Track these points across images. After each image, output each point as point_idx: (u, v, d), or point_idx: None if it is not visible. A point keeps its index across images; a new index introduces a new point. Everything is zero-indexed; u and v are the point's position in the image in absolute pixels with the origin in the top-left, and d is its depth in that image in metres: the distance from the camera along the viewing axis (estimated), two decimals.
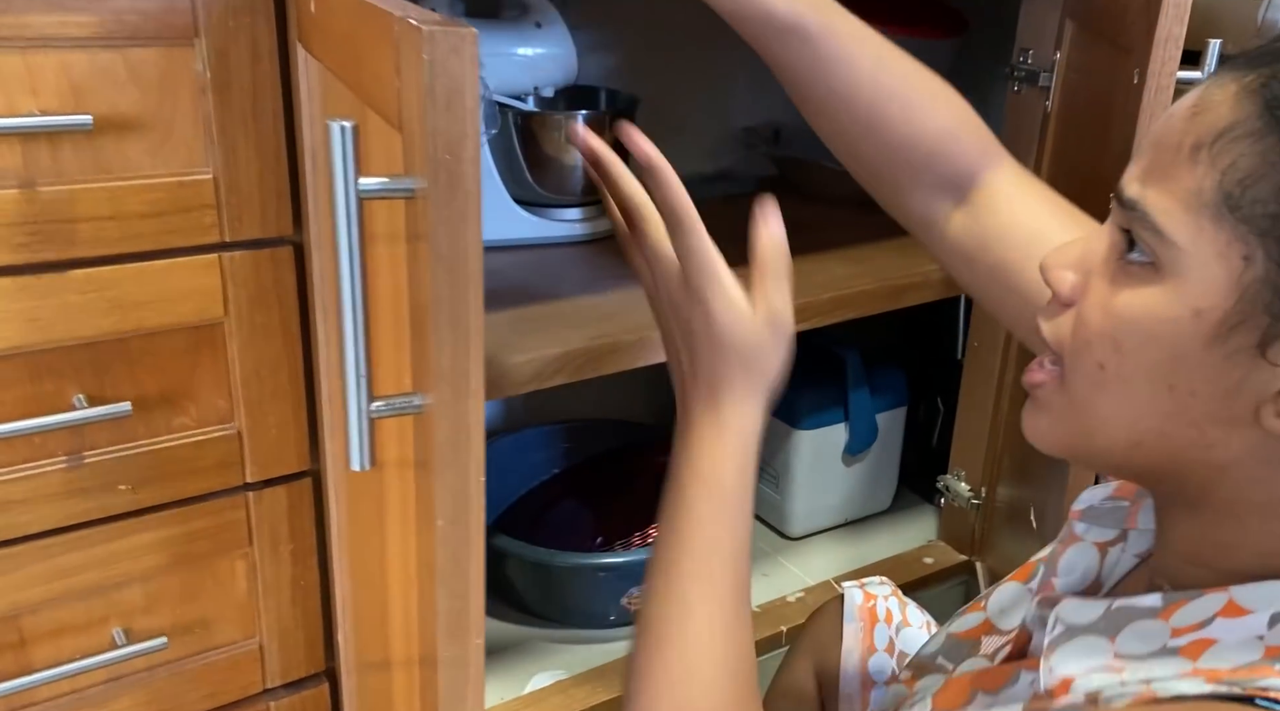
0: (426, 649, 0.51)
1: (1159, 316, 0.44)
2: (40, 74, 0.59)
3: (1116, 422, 0.47)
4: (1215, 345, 0.42)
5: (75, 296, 0.63)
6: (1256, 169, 0.41)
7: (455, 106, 0.40)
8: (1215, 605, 0.45)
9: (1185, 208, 0.43)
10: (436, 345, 0.44)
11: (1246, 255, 0.41)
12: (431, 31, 0.39)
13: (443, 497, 0.46)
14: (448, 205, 0.42)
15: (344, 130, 0.40)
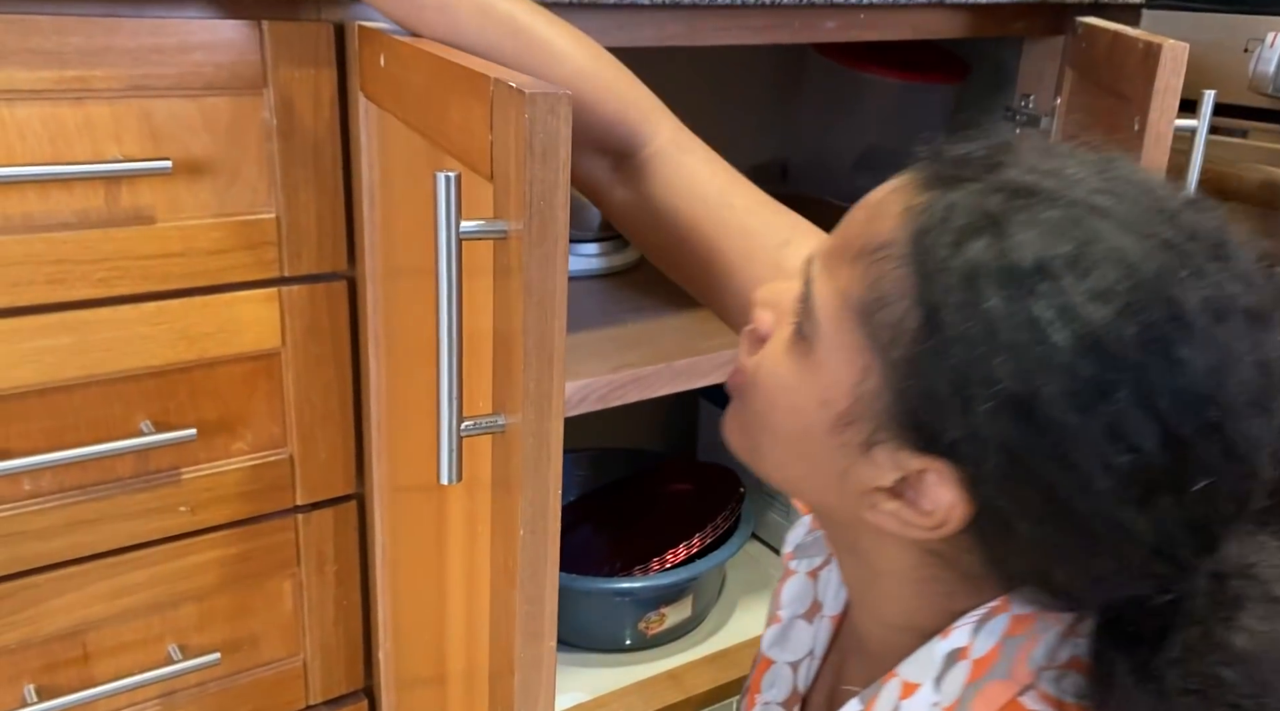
0: (499, 657, 0.55)
1: (798, 395, 0.48)
2: (124, 122, 0.63)
3: (773, 459, 0.52)
4: (833, 434, 0.47)
5: (147, 328, 0.67)
6: (890, 293, 0.44)
7: (551, 159, 0.45)
8: (895, 691, 0.50)
9: (839, 303, 0.46)
10: (525, 370, 0.48)
11: (866, 365, 0.45)
12: (533, 94, 0.44)
13: (525, 509, 0.50)
14: (540, 245, 0.46)
15: (449, 180, 0.45)
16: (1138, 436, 0.40)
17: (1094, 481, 0.41)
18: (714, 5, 0.81)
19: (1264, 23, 0.86)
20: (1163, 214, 0.42)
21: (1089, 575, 0.45)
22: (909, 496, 0.46)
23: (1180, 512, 0.42)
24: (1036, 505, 0.43)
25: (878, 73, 1.26)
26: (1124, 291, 0.40)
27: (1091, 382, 0.40)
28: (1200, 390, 0.40)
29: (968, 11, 0.96)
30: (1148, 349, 0.40)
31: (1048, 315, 0.40)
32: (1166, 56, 0.74)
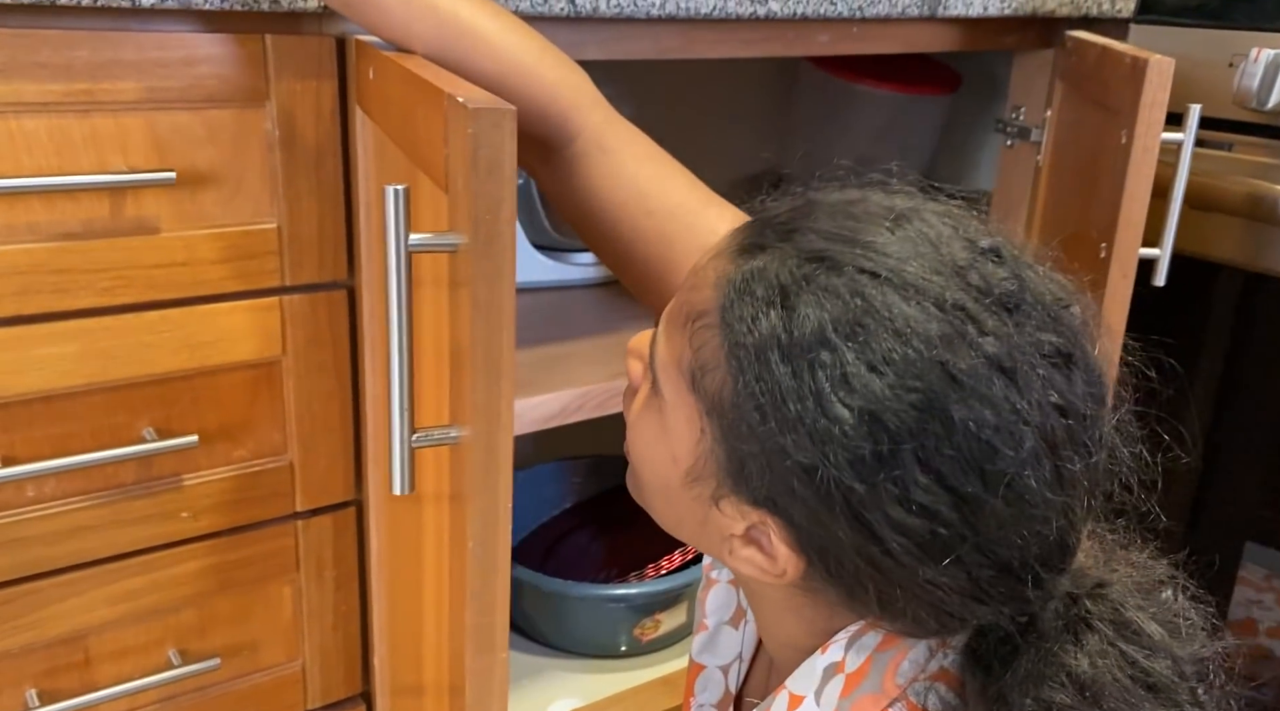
0: (455, 671, 0.55)
1: (655, 451, 0.52)
2: (130, 134, 0.64)
3: (653, 507, 0.55)
4: (686, 488, 0.50)
5: (150, 336, 0.68)
6: (709, 360, 0.46)
7: (495, 174, 0.46)
8: (783, 703, 0.52)
9: (675, 368, 0.49)
10: (472, 383, 0.49)
11: (701, 427, 0.48)
12: (476, 109, 0.45)
13: (474, 521, 0.51)
14: (486, 259, 0.47)
15: (397, 193, 0.46)
16: (926, 499, 0.42)
17: (890, 543, 0.43)
18: (709, 19, 0.83)
19: (1248, 38, 0.88)
20: (952, 272, 0.43)
21: (934, 611, 0.46)
22: (761, 543, 0.48)
23: (987, 561, 0.44)
24: (851, 562, 0.45)
25: (871, 85, 1.28)
26: (899, 360, 0.42)
27: (873, 452, 0.42)
28: (981, 449, 0.42)
29: (959, 26, 0.97)
30: (923, 415, 0.41)
31: (826, 387, 0.42)
32: (1153, 71, 0.76)
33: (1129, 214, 0.79)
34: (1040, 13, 0.99)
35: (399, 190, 0.47)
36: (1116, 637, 0.46)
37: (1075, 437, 0.44)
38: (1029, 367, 0.43)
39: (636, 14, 0.78)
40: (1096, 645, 0.46)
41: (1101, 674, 0.45)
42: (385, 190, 0.47)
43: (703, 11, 0.81)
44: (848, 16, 0.88)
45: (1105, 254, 0.81)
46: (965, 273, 0.44)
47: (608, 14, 0.76)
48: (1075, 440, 0.44)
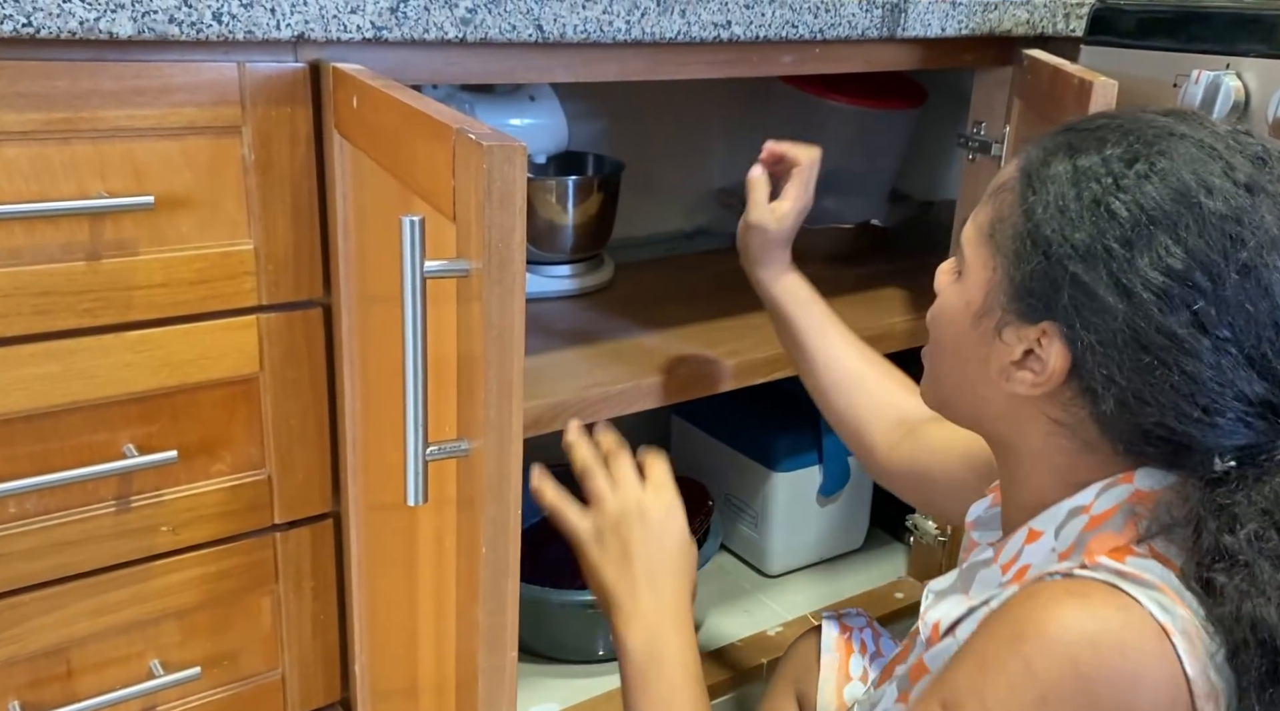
0: (464, 667, 0.58)
1: (952, 305, 0.63)
2: (108, 161, 0.67)
3: (943, 381, 0.66)
4: (975, 327, 0.61)
5: (130, 355, 0.70)
6: (1007, 213, 0.59)
7: (508, 204, 0.49)
8: (1022, 537, 0.62)
9: (976, 232, 0.62)
10: (485, 399, 0.52)
11: (993, 266, 0.60)
12: (490, 147, 0.47)
13: (487, 528, 0.54)
14: (499, 283, 0.50)
15: (413, 224, 0.49)
16: (1177, 265, 0.53)
17: (1140, 294, 0.53)
18: (674, 43, 0.85)
19: (1191, 60, 0.91)
20: (1213, 134, 0.56)
21: (1164, 412, 0.54)
22: (1031, 365, 0.58)
23: (1239, 356, 0.52)
24: (1108, 329, 0.55)
25: (839, 100, 1.31)
26: (1164, 169, 0.54)
27: (1135, 229, 0.54)
28: (1223, 236, 0.52)
29: (918, 45, 1.01)
30: (1178, 205, 0.53)
31: (1103, 193, 0.55)
32: (1097, 93, 0.79)
33: None
34: (997, 32, 1.02)
35: (415, 221, 0.50)
36: None
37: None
38: (1268, 197, 0.53)
39: (603, 39, 0.80)
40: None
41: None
42: (402, 221, 0.49)
43: (667, 35, 0.83)
44: (809, 38, 0.91)
45: None
46: (1224, 136, 0.56)
47: (574, 39, 0.79)
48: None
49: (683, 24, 0.83)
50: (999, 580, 0.62)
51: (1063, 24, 1.05)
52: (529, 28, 0.76)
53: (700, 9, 0.84)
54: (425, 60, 0.76)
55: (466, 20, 0.73)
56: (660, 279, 1.28)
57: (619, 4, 0.80)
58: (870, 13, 0.93)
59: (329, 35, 0.69)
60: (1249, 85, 0.89)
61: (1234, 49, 0.89)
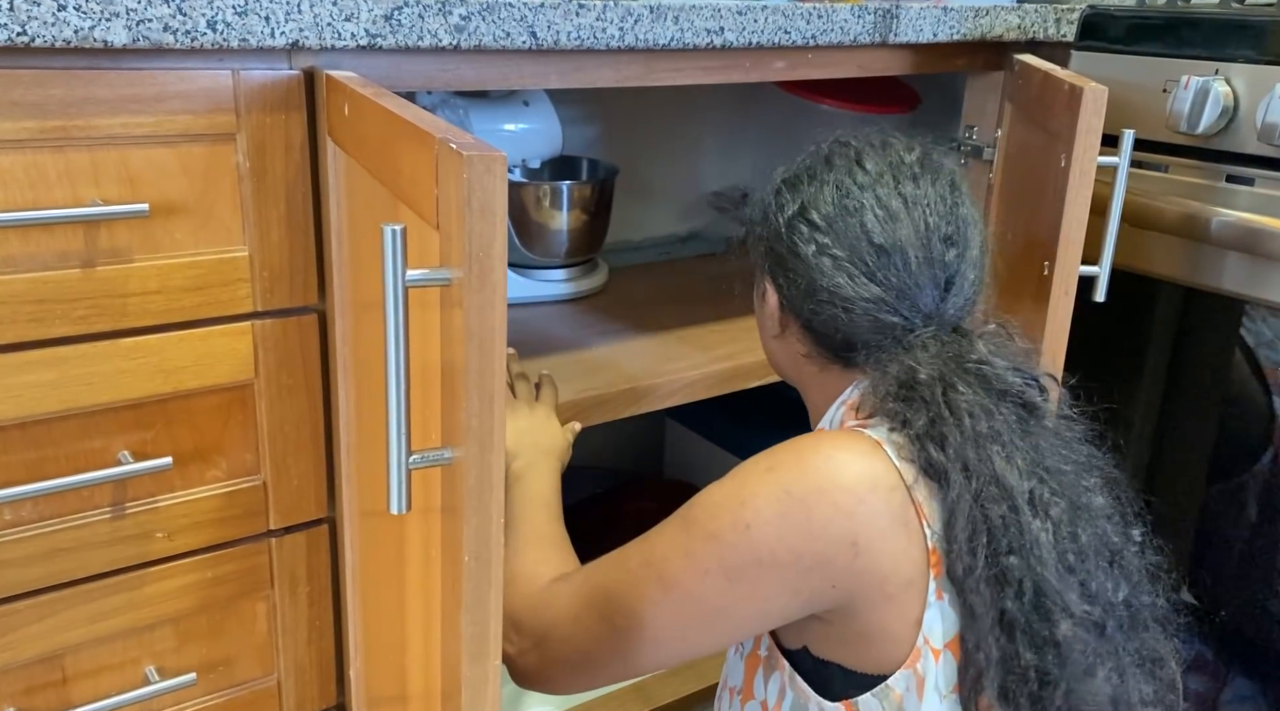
0: (449, 678, 0.58)
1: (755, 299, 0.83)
2: (103, 168, 0.67)
3: (764, 347, 0.83)
4: (756, 295, 0.81)
5: (125, 362, 0.70)
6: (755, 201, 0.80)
7: (488, 213, 0.49)
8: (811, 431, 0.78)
9: None
10: (466, 408, 0.52)
11: (753, 247, 0.80)
12: (470, 156, 0.48)
13: (469, 537, 0.54)
14: (480, 292, 0.50)
15: (395, 232, 0.49)
16: (806, 207, 0.74)
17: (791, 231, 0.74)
18: (667, 49, 0.86)
19: (1180, 65, 0.92)
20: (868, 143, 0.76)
21: (836, 322, 0.72)
22: (769, 307, 0.78)
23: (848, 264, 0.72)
24: (776, 264, 0.75)
25: (831, 104, 1.32)
26: (808, 161, 0.76)
27: (785, 185, 0.76)
28: (839, 191, 0.73)
29: (910, 50, 1.01)
30: (810, 175, 0.75)
31: (776, 185, 0.77)
32: (1088, 99, 0.80)
33: (1068, 234, 0.82)
34: (989, 37, 1.02)
35: (397, 230, 0.50)
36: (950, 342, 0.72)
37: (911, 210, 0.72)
38: (885, 170, 0.73)
39: (597, 45, 0.80)
40: (936, 345, 0.71)
41: (935, 355, 0.70)
42: (384, 229, 0.49)
43: (661, 42, 0.84)
44: (801, 44, 0.91)
45: (1048, 271, 0.85)
46: (876, 145, 0.76)
47: (569, 46, 0.79)
48: (911, 210, 0.72)
49: (676, 30, 0.84)
50: None
51: (1054, 29, 1.05)
52: (523, 34, 0.77)
53: (693, 15, 0.84)
54: (420, 67, 0.76)
55: (460, 27, 0.74)
56: (654, 283, 1.29)
57: (612, 11, 0.80)
58: (862, 18, 0.93)
59: (323, 43, 0.69)
60: (1238, 91, 0.89)
61: (1223, 55, 0.90)
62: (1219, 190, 0.92)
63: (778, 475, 0.66)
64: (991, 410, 0.68)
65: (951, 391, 0.68)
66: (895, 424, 0.69)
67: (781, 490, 0.65)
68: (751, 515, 0.65)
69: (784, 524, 0.65)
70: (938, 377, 0.69)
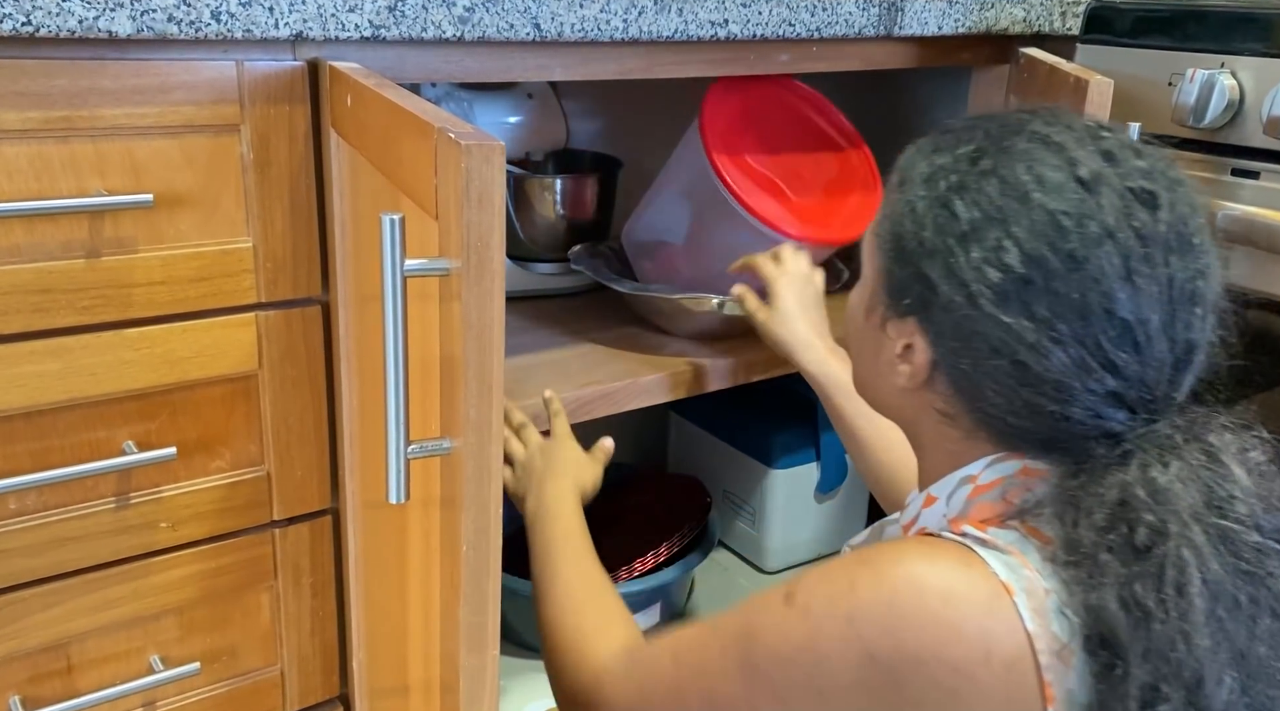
0: (448, 669, 0.58)
1: (853, 300, 0.67)
2: (108, 158, 0.67)
3: (857, 371, 0.69)
4: (867, 322, 0.64)
5: (130, 353, 0.71)
6: (883, 212, 0.62)
7: (486, 204, 0.49)
8: (921, 501, 0.64)
9: (869, 229, 0.64)
10: (465, 398, 0.52)
11: (875, 265, 0.62)
12: (469, 145, 0.48)
13: (468, 527, 0.54)
14: (478, 283, 0.50)
15: (393, 222, 0.49)
16: (1004, 256, 0.54)
17: (979, 291, 0.54)
18: (671, 41, 0.86)
19: (1186, 58, 0.92)
20: (1070, 132, 0.56)
21: (1036, 411, 0.55)
22: (909, 356, 0.60)
23: (1074, 343, 0.53)
24: (954, 325, 0.56)
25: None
26: (1002, 172, 0.55)
27: (970, 223, 0.55)
28: (1054, 228, 0.53)
29: (915, 44, 1.01)
30: (1008, 198, 0.54)
31: (947, 192, 0.56)
32: (1094, 91, 0.79)
33: None
34: (994, 30, 1.02)
35: (395, 219, 0.50)
36: (1200, 466, 0.52)
37: (1152, 260, 0.53)
38: (1110, 191, 0.53)
39: (600, 37, 0.80)
40: (1178, 467, 0.52)
41: (1174, 483, 0.51)
42: (382, 219, 0.50)
43: (664, 34, 0.83)
44: (806, 37, 0.91)
45: None
46: (1078, 131, 0.56)
47: (572, 38, 0.79)
48: (1152, 262, 0.53)
49: (680, 22, 0.84)
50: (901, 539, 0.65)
51: (1059, 22, 1.05)
52: (526, 26, 0.77)
53: (697, 7, 0.84)
54: (423, 59, 0.76)
55: (464, 19, 0.74)
56: None
57: (616, 2, 0.80)
58: (867, 11, 0.93)
59: (327, 34, 0.69)
60: (1244, 84, 0.89)
61: (1229, 48, 0.90)
62: (1224, 184, 0.92)
63: (861, 629, 0.51)
64: (1235, 594, 0.49)
65: (1185, 548, 0.49)
66: (1071, 556, 0.51)
67: (866, 654, 0.51)
68: (826, 680, 0.53)
69: (866, 697, 0.52)
70: (1167, 524, 0.49)
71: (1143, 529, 0.50)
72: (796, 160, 1.06)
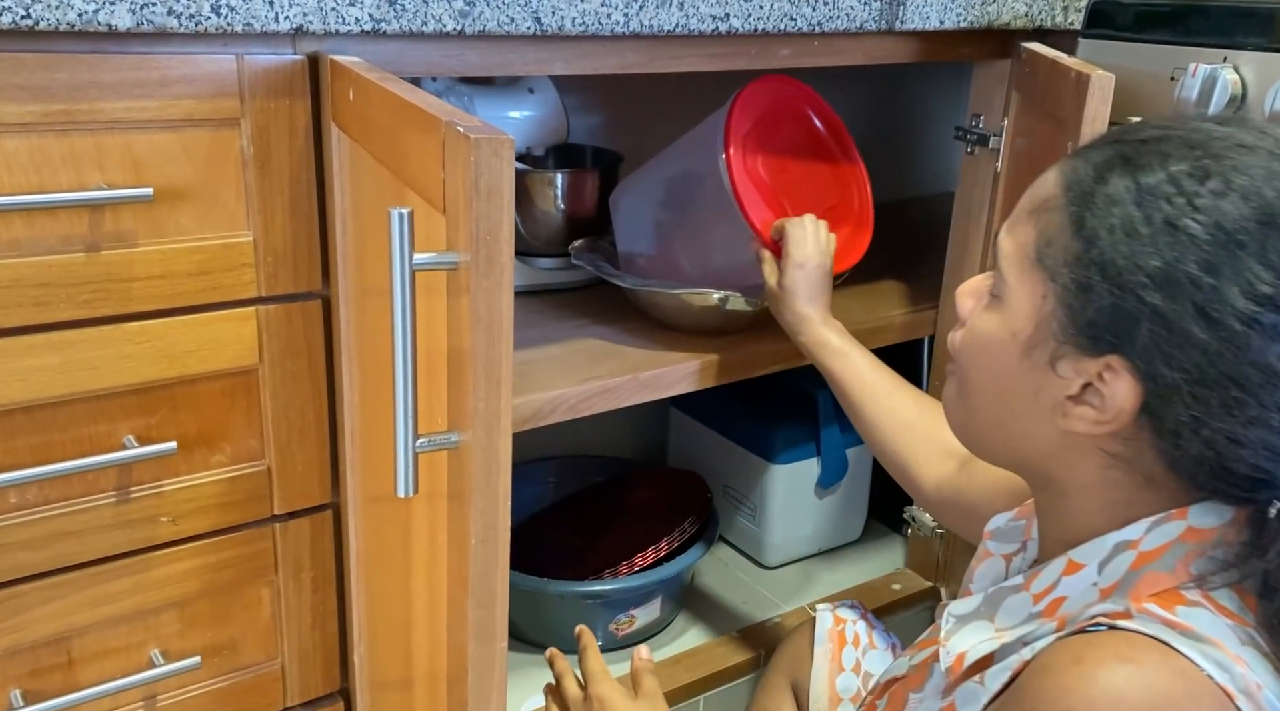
0: (456, 662, 0.58)
1: (992, 335, 0.58)
2: (108, 152, 0.67)
3: (978, 415, 0.61)
4: (1024, 359, 0.56)
5: (130, 347, 0.71)
6: (1055, 233, 0.54)
7: (495, 197, 0.49)
8: (1059, 567, 0.57)
9: (1019, 255, 0.57)
10: (474, 391, 0.52)
11: (1044, 295, 0.55)
12: (478, 139, 0.47)
13: (476, 520, 0.54)
14: (487, 276, 0.50)
15: (402, 216, 0.49)
16: (1267, 290, 0.48)
17: (1231, 325, 0.49)
18: (672, 35, 0.85)
19: (1188, 53, 0.91)
20: (1269, 136, 0.52)
21: (1258, 451, 0.50)
22: (1091, 400, 0.54)
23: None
24: (1191, 364, 0.50)
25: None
26: (1242, 185, 0.50)
27: (1218, 254, 0.49)
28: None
29: (916, 38, 1.01)
30: (1263, 224, 0.49)
31: (1176, 213, 0.50)
32: (1094, 86, 0.79)
33: None
34: (996, 25, 1.02)
35: (404, 213, 0.50)
36: None
37: None
38: None
39: (601, 31, 0.80)
40: None
41: None
42: (390, 213, 0.50)
43: (665, 28, 0.83)
44: (808, 31, 0.91)
45: None
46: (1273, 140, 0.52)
47: (573, 32, 0.79)
48: None
49: (681, 16, 0.84)
50: (1029, 610, 0.58)
51: (1061, 17, 1.05)
52: (527, 20, 0.76)
53: (698, 1, 0.84)
54: (423, 52, 0.76)
55: (465, 13, 0.74)
56: None
57: None
58: (869, 5, 0.93)
59: (327, 27, 0.69)
60: (1246, 79, 0.89)
61: (1231, 42, 0.90)
62: None
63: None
64: None
65: None
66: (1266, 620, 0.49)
67: None
68: None
69: None
70: None
71: None
72: (803, 180, 1.05)
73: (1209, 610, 0.50)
